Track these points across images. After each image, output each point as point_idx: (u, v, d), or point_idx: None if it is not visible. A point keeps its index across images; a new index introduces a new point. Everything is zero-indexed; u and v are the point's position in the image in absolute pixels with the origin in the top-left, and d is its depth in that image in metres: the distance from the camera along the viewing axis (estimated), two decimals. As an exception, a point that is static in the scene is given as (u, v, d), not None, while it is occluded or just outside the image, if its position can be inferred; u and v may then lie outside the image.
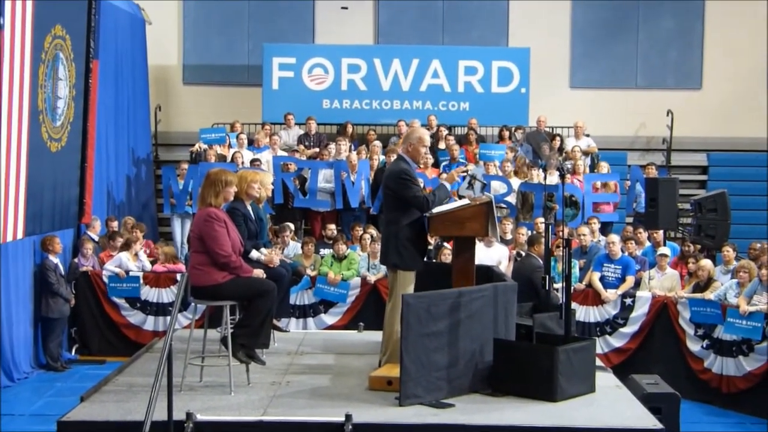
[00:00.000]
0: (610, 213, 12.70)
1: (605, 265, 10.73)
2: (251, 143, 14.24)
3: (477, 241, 10.66)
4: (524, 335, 6.38)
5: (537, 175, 12.56)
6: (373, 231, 11.37)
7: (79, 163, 11.38)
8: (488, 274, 6.99)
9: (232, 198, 6.41)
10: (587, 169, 13.54)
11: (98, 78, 12.01)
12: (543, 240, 8.66)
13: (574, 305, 9.80)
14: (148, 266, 11.35)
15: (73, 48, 10.52)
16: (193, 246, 6.23)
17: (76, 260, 11.21)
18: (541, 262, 8.53)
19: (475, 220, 6.38)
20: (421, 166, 6.90)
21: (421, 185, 6.57)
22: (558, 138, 14.39)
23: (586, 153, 14.10)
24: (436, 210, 6.46)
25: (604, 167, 13.29)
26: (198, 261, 6.12)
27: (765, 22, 16.09)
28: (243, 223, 6.83)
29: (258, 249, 7.00)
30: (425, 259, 6.91)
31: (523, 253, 9.81)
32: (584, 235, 11.27)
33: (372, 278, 10.84)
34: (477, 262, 6.66)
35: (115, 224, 12.06)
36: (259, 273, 6.37)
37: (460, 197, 9.02)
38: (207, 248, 6.05)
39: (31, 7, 9.24)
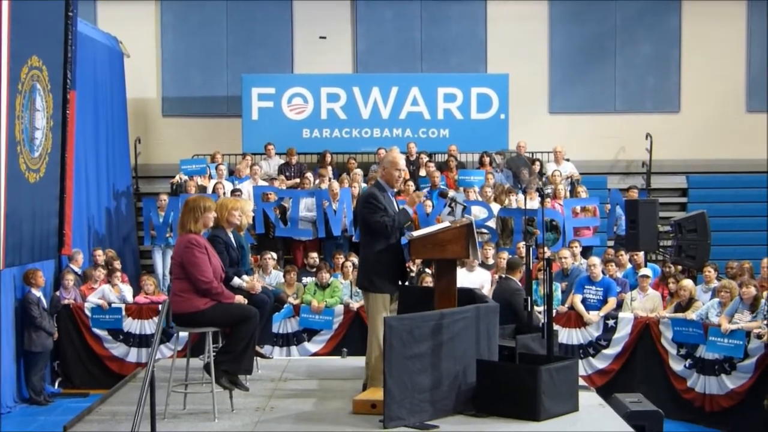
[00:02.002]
0: (590, 237, 12.82)
1: (587, 287, 10.84)
2: (232, 174, 14.32)
3: (459, 267, 10.85)
4: (507, 356, 6.47)
5: (517, 201, 12.69)
6: (354, 259, 11.42)
7: (57, 194, 11.37)
8: (470, 296, 7.07)
9: (211, 224, 6.48)
10: (567, 194, 13.67)
11: (76, 109, 12.05)
12: (522, 265, 8.78)
13: (556, 327, 9.90)
14: (130, 298, 11.36)
15: (50, 79, 10.58)
16: (174, 273, 6.28)
17: (57, 293, 11.21)
18: (520, 285, 8.62)
19: (456, 242, 6.45)
20: (396, 189, 6.96)
21: (395, 210, 6.66)
22: (538, 162, 14.56)
23: (569, 178, 14.24)
24: (417, 233, 6.56)
25: (583, 192, 13.42)
26: (179, 288, 6.17)
27: (742, 44, 16.42)
28: (224, 251, 6.89)
29: (240, 276, 7.05)
30: (406, 283, 7.01)
31: (504, 276, 9.88)
32: (565, 258, 11.36)
33: (354, 305, 10.90)
34: (459, 285, 6.75)
35: (101, 257, 12.06)
36: (240, 299, 6.43)
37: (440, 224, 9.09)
38: (188, 275, 6.11)
39: (7, 38, 9.26)
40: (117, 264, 11.79)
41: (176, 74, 16.66)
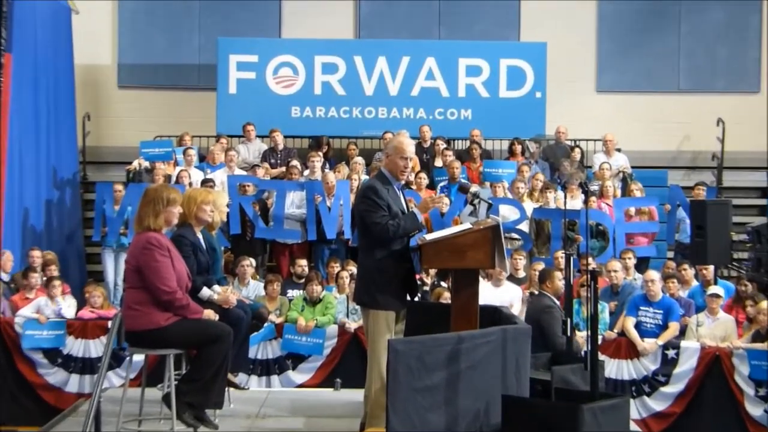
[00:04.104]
0: (646, 246, 12.79)
1: (642, 308, 10.76)
2: (202, 160, 14.30)
3: (482, 279, 10.79)
4: (541, 391, 6.41)
5: (555, 199, 12.66)
6: (353, 268, 11.39)
7: (-16, 182, 11.39)
8: (495, 315, 7.04)
9: (176, 220, 6.45)
10: (618, 192, 13.64)
11: (11, 76, 12.04)
12: (558, 274, 8.75)
13: (602, 357, 9.83)
14: (72, 312, 11.31)
15: (-22, 39, 10.59)
16: (129, 281, 6.25)
17: (-21, 305, 11.19)
18: (555, 300, 8.59)
19: (478, 248, 6.41)
20: (403, 182, 6.93)
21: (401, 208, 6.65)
22: (578, 150, 14.59)
23: (621, 173, 14.22)
24: (430, 236, 6.52)
25: (637, 190, 13.37)
26: (135, 299, 6.14)
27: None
28: (191, 254, 6.87)
29: (210, 286, 7.01)
30: (416, 298, 6.97)
31: (536, 292, 9.86)
32: (615, 271, 11.29)
33: (352, 325, 10.84)
34: (483, 302, 6.72)
35: (38, 259, 12.00)
36: (210, 314, 6.40)
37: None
38: (146, 283, 6.08)
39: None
40: (54, 270, 11.71)
41: (136, 36, 16.66)
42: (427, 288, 11.07)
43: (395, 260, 6.53)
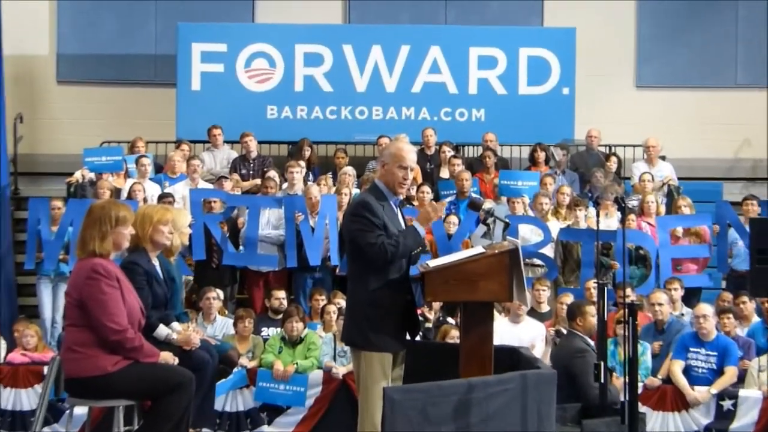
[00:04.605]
0: (697, 275, 12.77)
1: (692, 349, 10.75)
2: (159, 171, 14.32)
3: (498, 315, 10.79)
4: (569, 450, 6.43)
5: (586, 217, 12.67)
6: (341, 301, 11.40)
7: None
8: (513, 358, 7.05)
9: (127, 244, 6.47)
10: (663, 209, 13.65)
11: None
12: (591, 309, 8.74)
13: (643, 409, 9.83)
14: (0, 356, 11.31)
15: None
16: (70, 317, 6.25)
17: None
18: (590, 341, 8.59)
19: (492, 276, 6.42)
20: (402, 196, 6.93)
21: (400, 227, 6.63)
22: (614, 159, 14.61)
23: (666, 185, 14.23)
24: (434, 263, 6.55)
25: (686, 206, 13.36)
26: (76, 340, 6.14)
27: None
28: (145, 285, 6.90)
29: (168, 323, 7.02)
30: (417, 337, 6.97)
31: (564, 331, 9.86)
32: (659, 305, 11.26)
33: (341, 370, 10.84)
34: (498, 342, 6.73)
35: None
36: (168, 357, 6.41)
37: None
38: (90, 320, 6.08)
39: None
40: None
41: (79, 22, 16.69)
42: (430, 325, 11.07)
43: (393, 291, 6.52)
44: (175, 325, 7.07)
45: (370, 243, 6.39)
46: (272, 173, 13.63)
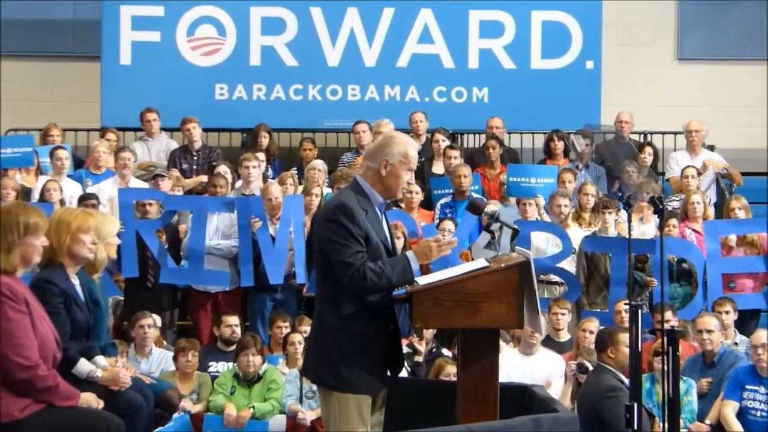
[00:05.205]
0: (754, 294, 12.79)
1: (749, 387, 10.79)
2: (80, 166, 14.33)
3: (506, 345, 10.82)
4: None
5: (616, 222, 12.71)
6: (309, 328, 11.38)
7: None
8: (524, 398, 7.08)
9: (38, 257, 6.44)
10: (711, 212, 13.68)
11: None
12: (625, 338, 8.75)
13: (687, 461, 9.89)
14: None
15: None
16: (-32, 350, 6.25)
17: None
18: (623, 378, 8.62)
19: (498, 297, 6.42)
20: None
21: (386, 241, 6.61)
22: (650, 150, 14.63)
23: (715, 182, 14.26)
24: (424, 280, 6.54)
25: (740, 208, 13.40)
26: (-26, 379, 6.14)
27: None
28: (62, 309, 6.89)
29: (91, 357, 7.03)
30: (404, 373, 6.99)
31: (589, 365, 9.92)
32: (708, 332, 11.30)
33: (308, 415, 10.88)
34: (506, 379, 6.76)
35: None
36: (91, 400, 6.40)
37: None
38: (-7, 353, 6.08)
39: None
40: None
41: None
42: (420, 359, 11.09)
43: (372, 318, 6.49)
44: (100, 359, 7.08)
45: (345, 262, 6.33)
46: (222, 168, 13.64)
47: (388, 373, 6.71)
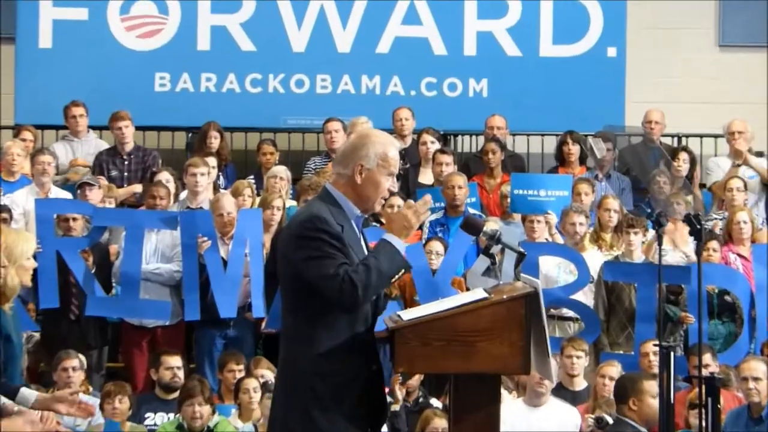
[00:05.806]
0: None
1: (808, 448, 10.99)
2: (-11, 172, 14.43)
3: (509, 394, 11.02)
4: None
5: (642, 244, 12.91)
6: (268, 373, 11.48)
7: None
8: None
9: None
10: (765, 232, 13.91)
11: None
12: (653, 387, 8.98)
13: None
14: None
15: None
16: None
17: None
18: (646, 433, 8.84)
19: (499, 336, 6.46)
20: (370, 212, 6.95)
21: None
22: (685, 155, 14.80)
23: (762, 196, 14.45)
24: (408, 314, 6.63)
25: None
26: None
27: None
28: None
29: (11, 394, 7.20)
30: (383, 427, 7.17)
31: (610, 419, 10.09)
32: (756, 379, 11.40)
33: (269, 478, 11.04)
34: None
35: None
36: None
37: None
38: None
39: None
40: None
41: None
42: (397, 408, 11.21)
43: (353, 357, 6.48)
44: (6, 402, 7.27)
45: (328, 275, 6.27)
46: (163, 176, 13.75)
47: (371, 426, 6.67)
